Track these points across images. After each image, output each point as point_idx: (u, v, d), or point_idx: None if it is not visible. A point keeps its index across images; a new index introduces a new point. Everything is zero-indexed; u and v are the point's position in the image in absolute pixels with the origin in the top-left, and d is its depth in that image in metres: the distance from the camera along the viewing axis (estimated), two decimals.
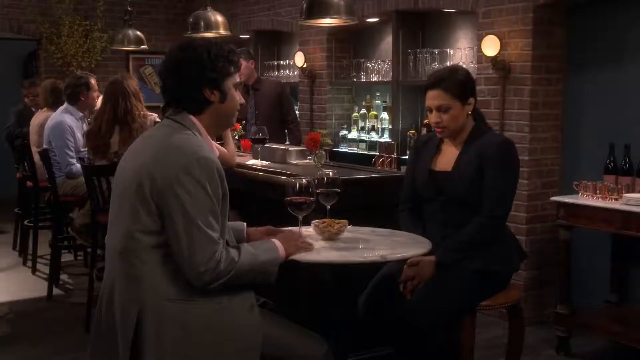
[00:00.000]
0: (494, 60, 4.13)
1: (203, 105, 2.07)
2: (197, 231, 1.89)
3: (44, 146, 4.69)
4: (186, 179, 1.90)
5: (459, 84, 2.64)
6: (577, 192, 3.62)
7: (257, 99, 5.10)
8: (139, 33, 5.93)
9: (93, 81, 4.83)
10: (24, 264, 5.38)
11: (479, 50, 4.27)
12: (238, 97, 2.17)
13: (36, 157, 4.85)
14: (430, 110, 2.67)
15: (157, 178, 1.91)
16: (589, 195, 3.55)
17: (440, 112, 2.63)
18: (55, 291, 4.60)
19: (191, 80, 2.04)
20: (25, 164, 5.13)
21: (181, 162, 1.91)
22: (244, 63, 5.09)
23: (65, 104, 4.79)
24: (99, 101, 4.59)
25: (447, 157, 2.71)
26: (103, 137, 4.00)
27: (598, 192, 3.52)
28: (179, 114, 2.08)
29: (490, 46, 4.14)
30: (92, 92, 4.77)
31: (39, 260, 5.22)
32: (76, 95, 4.74)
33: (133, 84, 4.13)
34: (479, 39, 4.25)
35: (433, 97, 2.65)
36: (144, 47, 6.04)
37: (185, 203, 1.89)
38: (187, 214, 1.89)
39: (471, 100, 2.67)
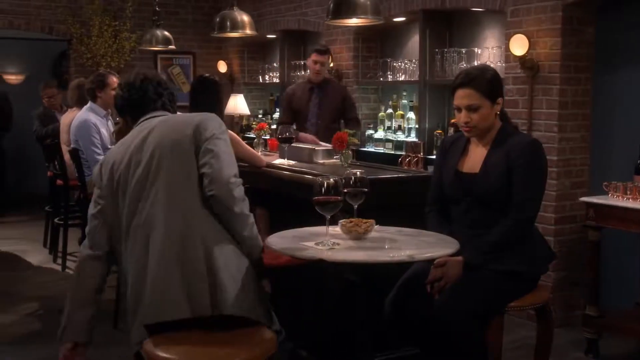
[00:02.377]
0: (522, 59, 4.10)
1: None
2: (227, 157, 2.38)
3: (72, 146, 4.76)
4: (223, 135, 2.43)
5: (488, 83, 2.61)
6: (606, 193, 3.58)
7: (322, 99, 4.99)
8: (166, 33, 6.00)
9: (111, 79, 4.82)
10: (54, 261, 5.49)
11: (507, 49, 4.24)
12: None
13: (66, 156, 4.93)
14: (459, 110, 2.64)
15: (197, 130, 2.37)
16: (619, 196, 3.51)
17: (470, 111, 2.61)
18: None
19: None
20: (56, 162, 5.22)
21: (215, 125, 2.42)
22: (327, 61, 5.00)
23: (89, 103, 4.85)
24: None
25: (475, 158, 2.69)
26: None
27: (628, 192, 3.47)
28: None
29: (519, 45, 4.11)
30: (108, 89, 4.75)
31: (68, 257, 5.31)
32: (92, 92, 4.79)
33: None
34: (507, 38, 4.22)
35: (463, 96, 2.62)
36: (172, 47, 6.10)
37: (221, 146, 2.38)
38: (221, 150, 2.37)
39: (500, 100, 2.65)
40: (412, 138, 5.27)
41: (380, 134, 5.60)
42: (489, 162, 2.63)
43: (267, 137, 5.11)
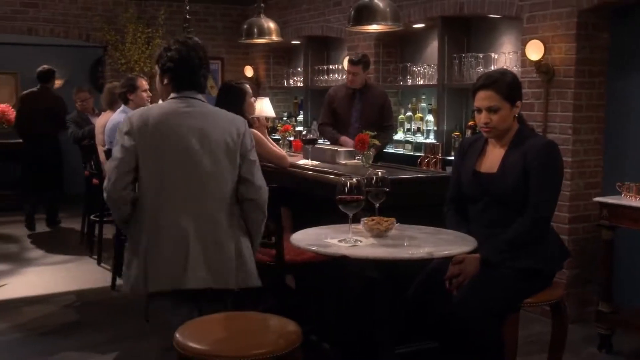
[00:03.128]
0: (537, 64, 4.18)
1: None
2: (259, 166, 2.71)
3: (106, 146, 4.94)
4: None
5: (508, 86, 2.68)
6: (619, 193, 3.64)
7: (363, 104, 5.02)
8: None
9: (141, 82, 4.98)
10: (90, 255, 5.70)
11: (523, 54, 4.32)
12: None
13: (102, 156, 5.13)
14: (480, 111, 2.71)
15: (242, 141, 2.61)
16: (632, 197, 3.56)
17: (490, 112, 2.67)
18: (119, 281, 4.81)
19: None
20: (92, 162, 5.43)
21: (250, 134, 2.69)
22: (361, 71, 4.97)
23: (122, 105, 5.05)
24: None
25: (492, 159, 2.76)
26: None
27: None
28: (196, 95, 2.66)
29: (534, 50, 4.19)
30: (139, 91, 4.92)
31: (103, 252, 5.51)
32: (124, 96, 4.97)
33: None
34: (523, 44, 4.31)
35: (484, 98, 2.69)
36: None
37: (256, 157, 2.70)
38: (257, 160, 2.70)
39: (518, 102, 2.72)
40: (431, 140, 5.36)
41: (400, 135, 5.70)
42: (506, 162, 2.69)
43: (292, 138, 5.28)
